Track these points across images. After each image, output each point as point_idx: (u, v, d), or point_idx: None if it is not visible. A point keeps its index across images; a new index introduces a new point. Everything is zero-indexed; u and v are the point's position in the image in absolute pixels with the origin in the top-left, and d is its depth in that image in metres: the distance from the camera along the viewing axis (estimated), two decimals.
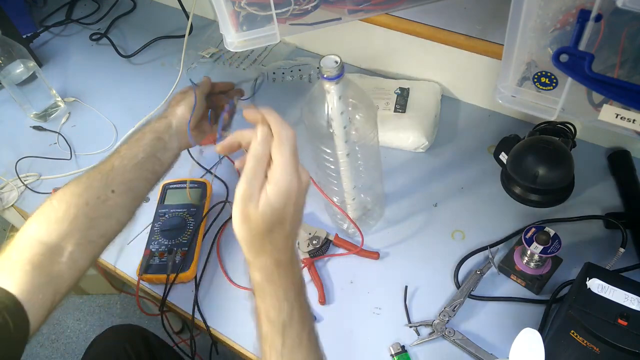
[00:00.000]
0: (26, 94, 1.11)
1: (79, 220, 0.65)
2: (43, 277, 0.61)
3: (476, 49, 0.91)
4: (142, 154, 0.72)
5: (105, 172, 0.69)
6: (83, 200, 0.66)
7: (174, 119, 0.78)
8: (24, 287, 0.58)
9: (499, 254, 0.82)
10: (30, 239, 0.62)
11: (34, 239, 0.62)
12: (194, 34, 1.21)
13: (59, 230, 0.63)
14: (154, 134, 0.75)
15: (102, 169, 0.69)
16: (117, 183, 0.69)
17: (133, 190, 0.71)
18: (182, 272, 0.83)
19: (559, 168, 0.83)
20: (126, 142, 0.74)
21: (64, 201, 0.65)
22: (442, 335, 0.74)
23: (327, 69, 0.62)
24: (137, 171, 0.71)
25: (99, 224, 0.67)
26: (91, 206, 0.66)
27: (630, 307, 0.58)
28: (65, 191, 0.67)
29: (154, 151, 0.74)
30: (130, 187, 0.70)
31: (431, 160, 0.97)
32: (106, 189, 0.68)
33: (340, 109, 0.66)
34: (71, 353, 1.66)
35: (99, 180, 0.68)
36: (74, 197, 0.66)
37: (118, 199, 0.68)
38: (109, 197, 0.67)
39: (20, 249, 0.61)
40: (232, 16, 0.65)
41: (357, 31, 1.06)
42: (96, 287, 1.70)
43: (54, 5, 1.43)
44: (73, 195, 0.66)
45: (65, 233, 0.63)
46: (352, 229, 0.86)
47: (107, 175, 0.68)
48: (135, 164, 0.71)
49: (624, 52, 0.51)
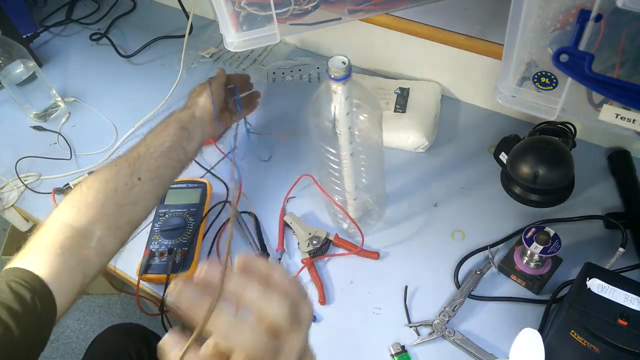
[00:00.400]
0: (26, 94, 1.11)
1: (107, 206, 0.67)
2: (72, 260, 0.62)
3: (476, 49, 0.91)
4: (168, 142, 0.75)
5: (132, 160, 0.71)
6: (111, 187, 0.68)
7: (197, 110, 0.81)
8: (53, 270, 0.59)
9: (499, 254, 0.82)
10: (60, 223, 0.64)
11: (65, 223, 0.64)
12: (194, 34, 1.21)
13: (88, 215, 0.65)
14: (179, 124, 0.77)
15: (128, 157, 0.72)
16: (144, 170, 0.71)
17: (159, 178, 0.73)
18: (182, 272, 0.83)
19: (559, 168, 0.83)
20: (151, 132, 0.76)
21: (92, 188, 0.67)
22: (442, 335, 0.74)
23: (334, 70, 0.62)
24: (163, 159, 0.73)
25: (126, 210, 0.69)
26: (119, 193, 0.68)
27: (630, 307, 0.58)
28: (93, 178, 0.69)
29: (179, 140, 0.76)
30: (156, 174, 0.72)
31: (431, 160, 0.97)
32: (133, 176, 0.70)
33: (346, 110, 0.66)
34: (71, 353, 1.66)
35: (126, 168, 0.70)
36: (103, 184, 0.68)
37: (144, 186, 0.70)
38: (136, 184, 0.69)
39: (51, 232, 0.63)
40: (232, 16, 0.65)
41: (357, 31, 1.06)
42: (96, 287, 1.70)
43: (54, 5, 1.42)
44: (101, 182, 0.68)
45: (95, 218, 0.65)
46: (352, 229, 0.86)
47: (133, 163, 0.71)
48: (162, 152, 0.73)
49: (624, 52, 0.51)
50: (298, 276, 0.83)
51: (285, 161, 1.00)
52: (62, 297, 0.59)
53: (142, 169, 0.71)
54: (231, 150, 1.02)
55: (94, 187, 0.67)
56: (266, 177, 0.98)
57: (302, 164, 0.98)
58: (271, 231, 0.90)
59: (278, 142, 1.03)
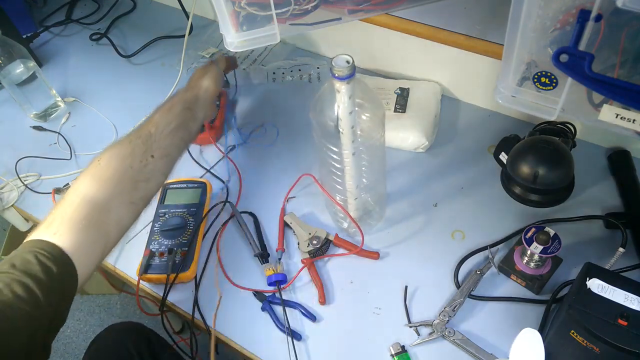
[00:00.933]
0: (26, 94, 1.11)
1: (124, 182, 0.69)
2: (94, 234, 0.65)
3: (476, 49, 0.91)
4: (175, 122, 0.77)
5: (144, 137, 0.74)
6: (128, 164, 0.70)
7: (200, 91, 0.85)
8: (76, 243, 0.62)
9: (499, 254, 0.82)
10: (82, 197, 0.66)
11: (86, 196, 0.66)
12: (194, 34, 1.21)
13: (108, 190, 0.67)
14: (184, 104, 0.81)
15: (141, 134, 0.74)
16: (155, 148, 0.74)
17: (168, 157, 0.76)
18: (182, 272, 0.83)
19: (559, 168, 0.83)
20: (158, 111, 0.78)
21: (111, 164, 0.70)
22: (442, 335, 0.74)
23: (338, 69, 0.62)
24: (171, 138, 0.76)
25: (141, 186, 0.71)
26: (135, 170, 0.71)
27: (630, 307, 0.58)
28: (111, 153, 0.71)
29: (185, 121, 0.79)
30: (166, 153, 0.75)
31: (431, 160, 0.97)
32: (147, 153, 0.72)
33: (349, 109, 0.66)
34: (71, 353, 1.65)
35: (141, 145, 0.73)
36: (120, 160, 0.70)
37: (157, 164, 0.73)
38: (149, 161, 0.72)
39: (73, 205, 0.65)
40: (232, 16, 0.65)
41: (357, 31, 1.06)
42: (96, 287, 1.70)
43: (54, 5, 1.43)
44: (119, 158, 0.70)
45: (114, 193, 0.68)
46: (352, 229, 0.86)
47: (147, 141, 0.73)
48: (170, 131, 0.76)
49: (624, 52, 0.51)
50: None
51: (285, 161, 1.00)
52: (83, 269, 0.62)
53: (154, 147, 0.74)
54: (230, 150, 1.02)
55: (113, 164, 0.70)
56: (266, 176, 0.98)
57: (302, 164, 0.98)
58: (271, 231, 0.90)
59: (277, 136, 1.03)
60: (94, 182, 0.67)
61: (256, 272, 0.85)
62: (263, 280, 0.83)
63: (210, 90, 0.86)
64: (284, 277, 0.82)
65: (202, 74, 0.87)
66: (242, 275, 0.85)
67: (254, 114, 1.09)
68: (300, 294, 0.82)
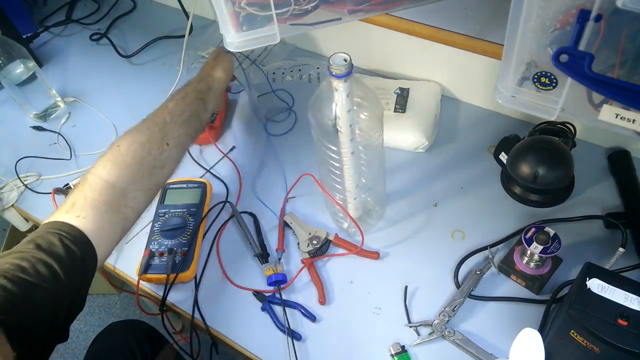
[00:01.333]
0: (26, 94, 1.11)
1: (143, 168, 0.71)
2: (114, 217, 0.67)
3: (476, 49, 0.91)
4: (188, 112, 0.79)
5: (161, 125, 0.75)
6: (147, 150, 0.72)
7: (213, 82, 0.85)
8: (98, 226, 0.64)
9: (499, 254, 0.82)
10: (104, 181, 0.68)
11: (108, 181, 0.68)
12: (194, 34, 1.21)
13: (128, 175, 0.69)
14: (197, 94, 0.81)
15: (157, 121, 0.75)
16: (171, 137, 0.75)
17: (181, 145, 0.77)
18: (182, 272, 0.83)
19: (559, 168, 0.83)
20: (172, 99, 0.79)
21: (131, 149, 0.71)
22: (442, 335, 0.74)
23: (336, 67, 0.62)
24: (184, 127, 0.77)
25: (156, 173, 0.73)
26: (152, 156, 0.73)
27: (630, 307, 0.58)
28: (130, 139, 0.72)
29: (198, 110, 0.81)
30: (179, 141, 0.76)
31: (431, 160, 0.97)
32: (163, 141, 0.74)
33: (347, 107, 0.66)
34: (71, 353, 1.66)
35: (157, 132, 0.74)
36: (139, 146, 0.72)
37: (171, 152, 0.75)
38: (165, 149, 0.74)
39: (95, 189, 0.67)
40: (232, 16, 0.65)
41: (357, 31, 1.06)
42: (96, 287, 1.70)
43: (54, 5, 1.42)
44: (138, 144, 0.72)
45: (133, 178, 0.70)
46: (352, 229, 0.86)
47: (163, 129, 0.75)
48: (184, 120, 0.77)
49: (624, 52, 0.51)
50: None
51: (285, 161, 1.00)
52: (102, 251, 0.65)
53: (169, 135, 0.75)
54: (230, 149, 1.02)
55: (132, 149, 0.71)
56: (266, 176, 0.98)
57: (302, 164, 0.98)
58: (271, 231, 0.90)
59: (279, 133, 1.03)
60: (115, 167, 0.69)
61: (256, 272, 0.85)
62: (263, 280, 0.83)
63: (222, 81, 0.87)
64: (284, 277, 0.82)
65: (214, 64, 0.87)
66: (242, 275, 0.85)
67: (253, 113, 1.09)
68: (300, 294, 0.82)
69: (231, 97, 1.12)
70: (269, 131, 1.05)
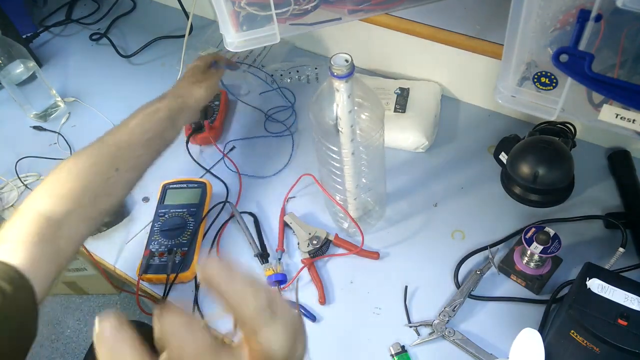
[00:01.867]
0: (26, 94, 1.11)
1: (83, 197, 0.66)
2: (48, 250, 0.61)
3: (476, 49, 0.91)
4: (152, 132, 0.74)
5: (113, 149, 0.70)
6: (90, 178, 0.67)
7: (191, 100, 0.80)
8: (30, 259, 0.58)
9: (499, 254, 0.82)
10: (36, 213, 0.62)
11: (40, 213, 0.62)
12: (194, 34, 1.21)
13: (63, 207, 0.64)
14: (168, 113, 0.77)
15: (110, 145, 0.70)
16: (123, 161, 0.70)
17: (137, 168, 0.72)
18: (182, 272, 0.83)
19: (559, 168, 0.83)
20: (139, 114, 0.74)
21: (70, 177, 0.66)
22: (442, 335, 0.74)
23: (337, 67, 0.62)
24: (143, 149, 0.73)
25: (101, 201, 0.68)
26: (96, 184, 0.67)
27: (630, 307, 0.58)
28: (72, 166, 0.67)
29: (163, 130, 0.76)
30: (135, 164, 0.71)
31: (431, 160, 0.97)
32: (111, 168, 0.69)
33: (348, 108, 0.66)
34: (71, 353, 1.66)
35: (106, 156, 0.69)
36: (81, 173, 0.67)
37: (121, 177, 0.70)
38: (112, 175, 0.69)
39: (26, 221, 0.62)
40: (232, 16, 0.65)
41: (357, 31, 1.06)
42: (96, 287, 1.70)
43: (54, 5, 1.42)
44: (80, 170, 0.67)
45: (70, 210, 0.64)
46: (352, 229, 0.86)
47: (115, 154, 0.70)
48: (143, 143, 0.72)
49: (624, 52, 0.51)
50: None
51: (285, 161, 1.00)
52: (39, 285, 0.58)
53: (122, 159, 0.70)
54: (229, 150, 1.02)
55: (72, 177, 0.66)
56: (266, 176, 0.98)
57: (302, 164, 0.98)
58: (271, 231, 0.90)
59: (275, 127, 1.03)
60: (50, 197, 0.64)
61: (256, 272, 0.85)
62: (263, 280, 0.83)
63: (202, 99, 0.83)
64: (284, 277, 0.82)
65: (199, 79, 0.83)
66: None
67: (253, 113, 1.09)
68: (300, 294, 0.82)
69: (231, 97, 1.12)
70: (269, 131, 1.05)
